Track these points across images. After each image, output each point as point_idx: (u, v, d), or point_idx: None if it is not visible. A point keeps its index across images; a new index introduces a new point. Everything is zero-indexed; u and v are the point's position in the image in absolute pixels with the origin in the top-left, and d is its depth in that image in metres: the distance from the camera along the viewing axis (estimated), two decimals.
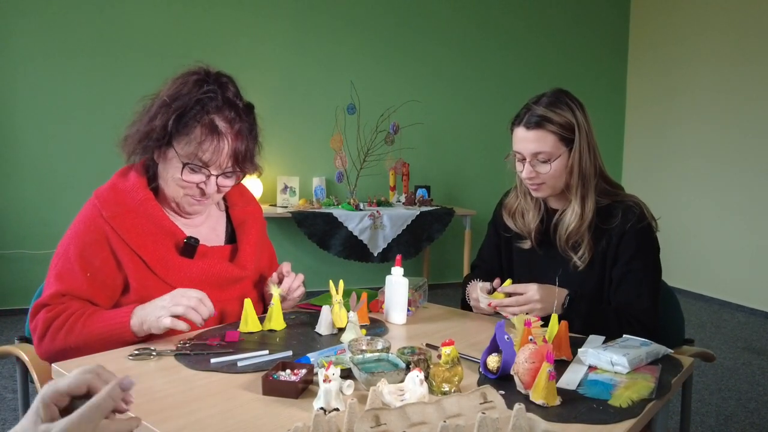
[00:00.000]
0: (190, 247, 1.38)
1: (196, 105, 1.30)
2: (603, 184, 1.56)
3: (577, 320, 1.42)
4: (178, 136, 1.31)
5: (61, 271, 1.30)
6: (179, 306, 1.22)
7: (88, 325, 1.23)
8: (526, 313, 1.38)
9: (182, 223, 1.43)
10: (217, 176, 1.36)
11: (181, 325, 1.22)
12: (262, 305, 1.54)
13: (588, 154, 1.51)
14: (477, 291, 1.49)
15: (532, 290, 1.41)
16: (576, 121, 1.49)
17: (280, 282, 1.48)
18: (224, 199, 1.56)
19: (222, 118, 1.32)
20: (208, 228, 1.49)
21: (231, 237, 1.53)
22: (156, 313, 1.22)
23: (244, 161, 1.38)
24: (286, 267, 1.50)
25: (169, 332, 1.28)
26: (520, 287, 1.43)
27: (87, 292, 1.29)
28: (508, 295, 1.44)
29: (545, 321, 1.28)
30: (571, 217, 1.53)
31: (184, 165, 1.32)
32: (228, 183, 1.39)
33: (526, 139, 1.50)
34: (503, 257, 1.73)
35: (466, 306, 1.65)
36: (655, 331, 1.47)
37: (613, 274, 1.53)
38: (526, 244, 1.64)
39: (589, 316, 1.44)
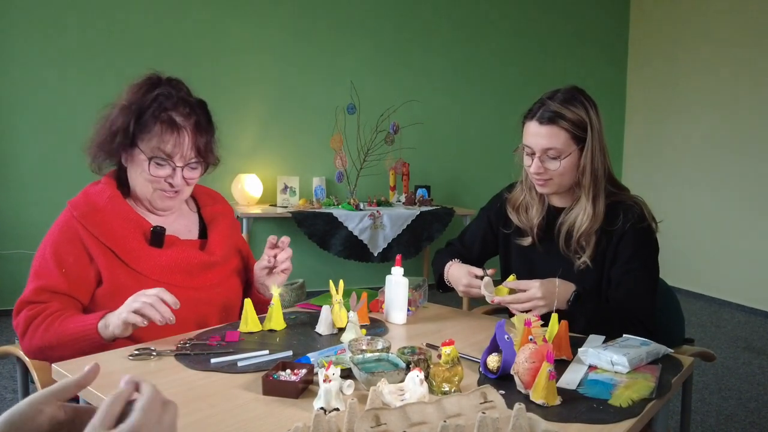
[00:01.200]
0: (157, 235, 1.43)
1: (153, 104, 1.39)
2: (608, 186, 1.55)
3: (581, 318, 1.41)
4: (141, 135, 1.39)
5: (38, 270, 1.37)
6: (137, 302, 1.23)
7: (63, 326, 1.28)
8: (529, 311, 1.38)
9: (154, 221, 1.47)
10: (183, 168, 1.42)
11: (138, 320, 1.21)
12: (241, 295, 1.57)
13: (599, 155, 1.51)
14: (479, 285, 1.47)
15: (534, 287, 1.39)
16: (589, 120, 1.49)
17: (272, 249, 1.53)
18: (195, 200, 1.62)
19: (178, 114, 1.41)
20: (180, 225, 1.54)
21: (203, 235, 1.57)
22: (118, 313, 1.24)
23: (206, 152, 1.46)
24: (276, 240, 1.53)
25: (168, 332, 1.29)
26: (522, 284, 1.41)
27: (63, 286, 1.34)
28: (512, 290, 1.43)
29: (545, 321, 1.28)
30: (582, 217, 1.52)
31: (150, 159, 1.39)
32: (194, 175, 1.46)
33: (538, 134, 1.50)
34: (501, 254, 1.73)
35: (441, 284, 1.65)
36: (654, 331, 1.47)
37: (612, 274, 1.53)
38: (526, 241, 1.64)
39: (594, 314, 1.43)
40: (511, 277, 1.46)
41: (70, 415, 0.65)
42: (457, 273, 1.57)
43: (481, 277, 1.49)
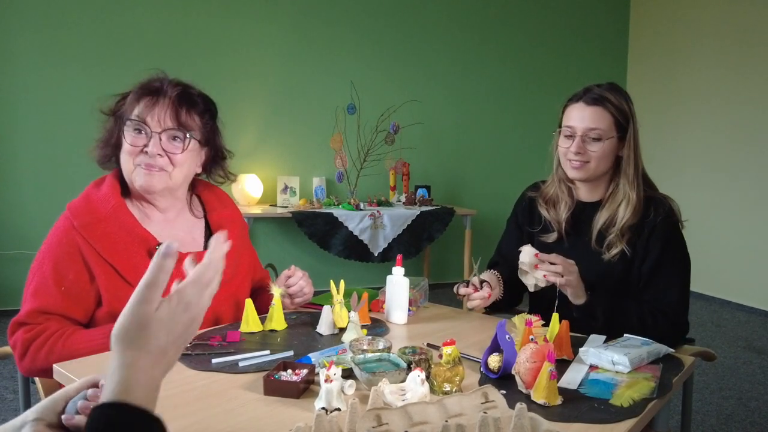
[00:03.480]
0: None
1: (141, 86, 1.37)
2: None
3: (599, 310, 1.42)
4: (127, 112, 1.35)
5: (36, 288, 1.30)
6: None
7: (69, 345, 1.23)
8: (560, 276, 1.39)
9: (158, 229, 1.41)
10: (160, 135, 1.34)
11: None
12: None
13: (639, 147, 1.55)
14: (523, 253, 1.45)
15: (572, 260, 1.41)
16: (630, 111, 1.55)
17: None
18: (202, 205, 1.55)
19: (162, 84, 1.37)
20: (185, 233, 1.47)
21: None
22: None
23: (188, 120, 1.37)
24: (292, 273, 1.53)
25: None
26: (554, 257, 1.42)
27: (62, 307, 1.29)
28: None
29: (546, 320, 1.28)
30: (626, 207, 1.53)
31: (125, 123, 1.34)
32: (175, 148, 1.36)
33: (583, 115, 1.52)
34: None
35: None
36: (682, 323, 1.49)
37: (643, 269, 1.53)
38: (551, 237, 1.63)
39: (611, 309, 1.44)
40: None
41: None
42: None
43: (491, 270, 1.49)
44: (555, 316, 1.24)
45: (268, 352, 1.21)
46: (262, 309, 1.45)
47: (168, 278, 0.64)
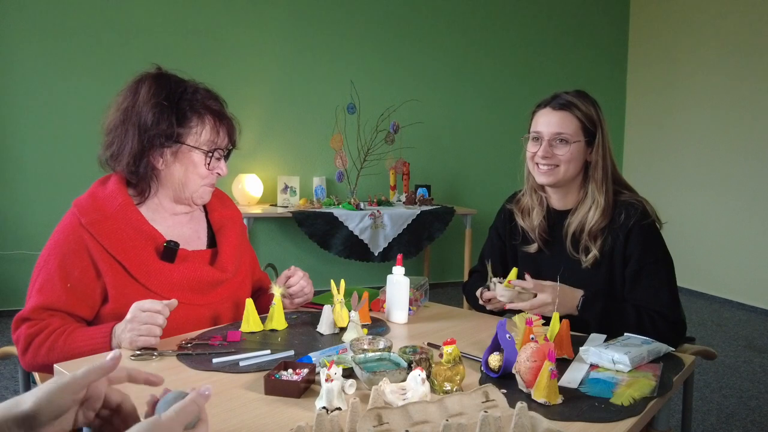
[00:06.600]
0: (170, 251, 1.36)
1: (185, 98, 1.36)
2: (614, 185, 1.59)
3: (593, 320, 1.43)
4: (185, 130, 1.35)
5: (42, 284, 1.30)
6: (132, 332, 1.19)
7: (69, 343, 1.23)
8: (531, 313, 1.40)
9: (165, 227, 1.42)
10: (225, 157, 1.45)
11: (150, 342, 1.20)
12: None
13: (608, 152, 1.56)
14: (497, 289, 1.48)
15: (544, 294, 1.42)
16: (598, 117, 1.56)
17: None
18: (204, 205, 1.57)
19: (213, 103, 1.40)
20: (191, 231, 1.48)
21: (211, 241, 1.52)
22: (125, 337, 1.21)
23: (235, 139, 1.47)
24: (293, 273, 1.53)
25: (169, 333, 1.28)
26: (525, 284, 1.44)
27: (67, 304, 1.29)
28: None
29: (546, 320, 1.28)
30: (594, 211, 1.54)
31: (211, 153, 1.39)
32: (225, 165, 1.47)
33: (550, 119, 1.54)
34: (510, 264, 1.73)
35: (478, 308, 1.65)
36: (678, 321, 1.49)
37: (626, 274, 1.54)
38: (533, 248, 1.65)
39: (605, 314, 1.45)
40: (513, 271, 1.46)
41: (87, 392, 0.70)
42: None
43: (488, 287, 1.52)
44: (555, 315, 1.24)
45: (268, 351, 1.21)
46: (262, 309, 1.45)
47: (98, 379, 0.69)
